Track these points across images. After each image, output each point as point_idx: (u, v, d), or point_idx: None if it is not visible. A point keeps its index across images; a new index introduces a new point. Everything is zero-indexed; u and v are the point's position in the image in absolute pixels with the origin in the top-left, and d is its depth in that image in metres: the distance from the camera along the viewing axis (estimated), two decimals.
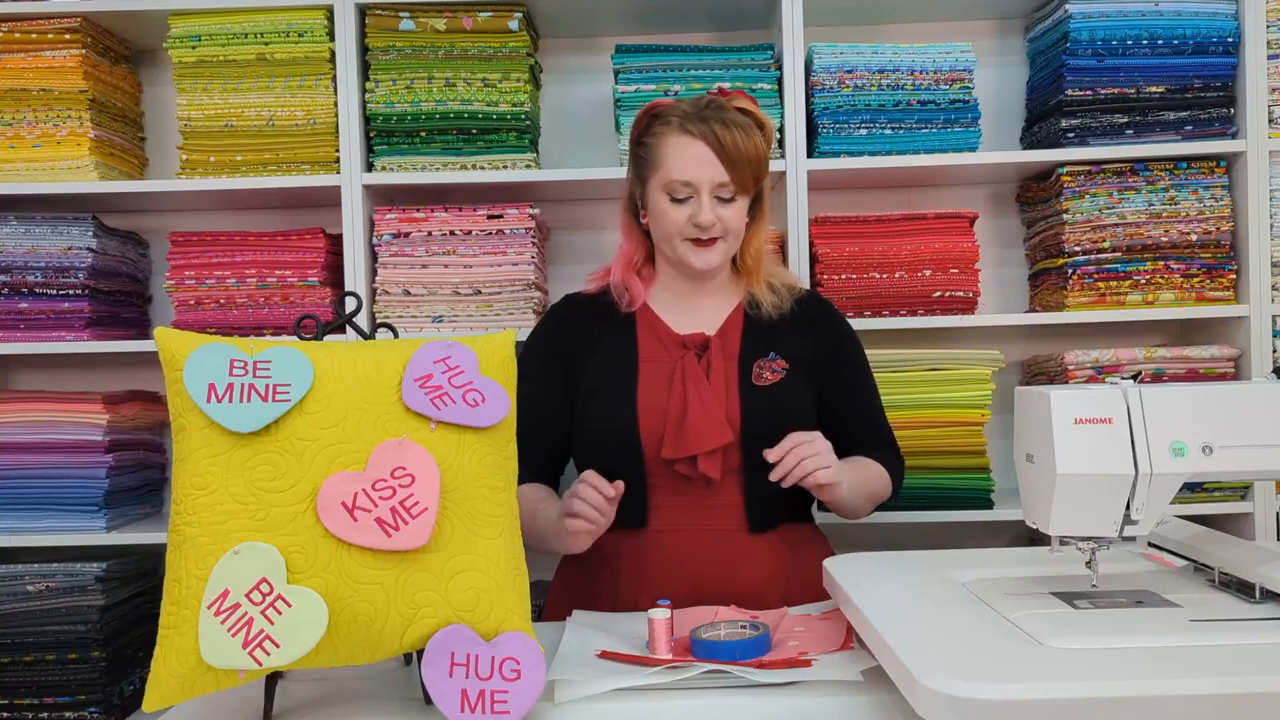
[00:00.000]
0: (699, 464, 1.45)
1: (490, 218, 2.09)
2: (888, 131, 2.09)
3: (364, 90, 2.10)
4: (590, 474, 1.35)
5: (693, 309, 1.58)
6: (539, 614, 1.61)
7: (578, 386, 1.55)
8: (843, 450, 1.61)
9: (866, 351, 2.05)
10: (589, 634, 1.26)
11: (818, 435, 1.40)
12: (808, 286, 1.66)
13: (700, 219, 1.48)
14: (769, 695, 1.06)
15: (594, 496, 1.32)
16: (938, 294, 2.10)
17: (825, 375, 1.57)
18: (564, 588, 1.58)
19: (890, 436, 1.65)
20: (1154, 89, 2.08)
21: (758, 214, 1.58)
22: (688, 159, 1.47)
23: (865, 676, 1.07)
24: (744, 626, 1.21)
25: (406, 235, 2.09)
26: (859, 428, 1.61)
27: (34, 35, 2.09)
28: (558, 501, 1.45)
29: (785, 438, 1.37)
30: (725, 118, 1.48)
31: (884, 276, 2.09)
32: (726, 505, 1.48)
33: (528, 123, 2.10)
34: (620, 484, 1.34)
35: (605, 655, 1.17)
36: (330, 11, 2.09)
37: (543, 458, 1.56)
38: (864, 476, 1.52)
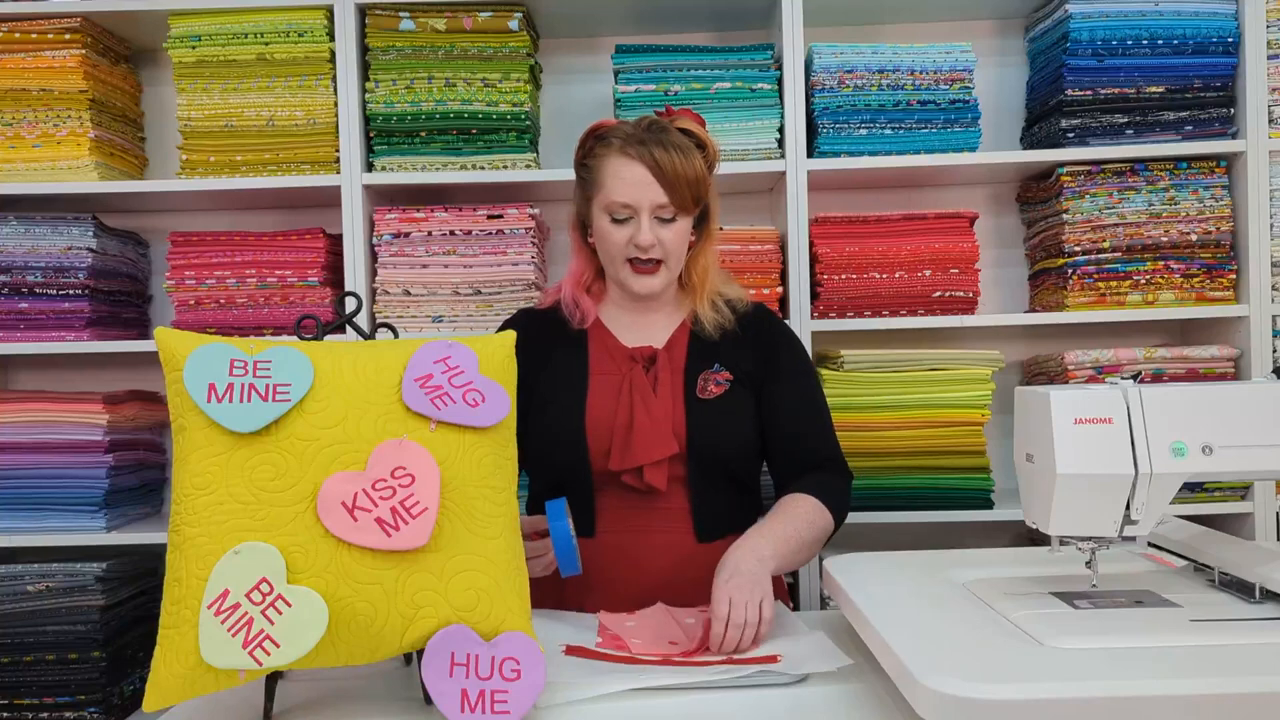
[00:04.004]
0: (645, 474, 1.45)
1: (490, 218, 2.09)
2: (888, 131, 2.09)
3: (364, 90, 2.10)
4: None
5: (642, 323, 1.59)
6: None
7: (530, 399, 1.54)
8: (782, 469, 1.56)
9: (866, 352, 2.05)
10: (544, 628, 1.26)
11: (736, 592, 1.22)
12: (752, 299, 1.64)
13: (640, 239, 1.47)
14: (762, 690, 1.06)
15: (533, 547, 1.37)
16: (938, 294, 2.10)
17: (765, 384, 1.55)
18: None
19: (833, 449, 1.57)
20: (1154, 89, 2.08)
21: (705, 232, 1.58)
22: (626, 181, 1.47)
23: (858, 666, 1.08)
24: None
25: (406, 235, 2.09)
26: (798, 438, 1.55)
27: (34, 35, 2.09)
28: None
29: (713, 618, 1.21)
30: (665, 140, 1.47)
31: (884, 276, 2.09)
32: (674, 514, 1.49)
33: (528, 123, 2.10)
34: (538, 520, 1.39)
35: (571, 651, 1.18)
36: (330, 11, 2.09)
37: None
38: (794, 541, 1.39)
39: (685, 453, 1.47)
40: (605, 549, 1.47)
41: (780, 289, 2.09)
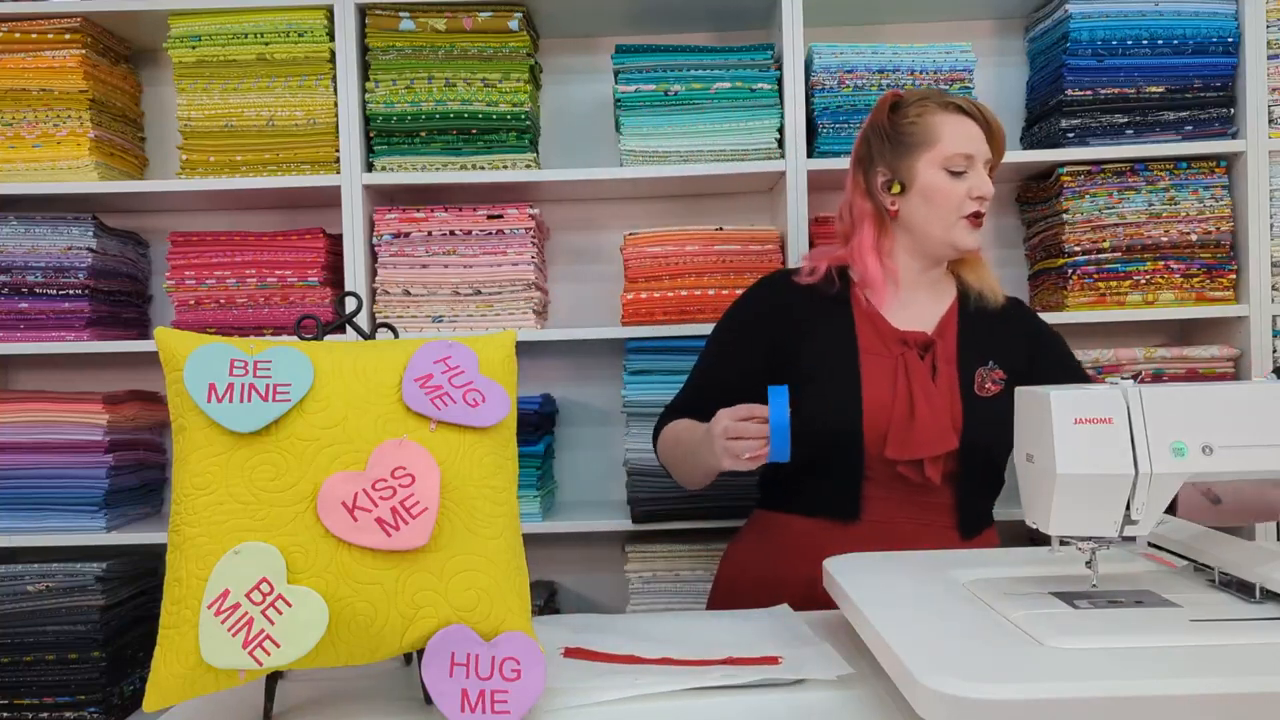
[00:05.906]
0: (925, 468, 1.44)
1: (490, 218, 2.09)
2: None
3: (364, 90, 2.10)
4: (734, 411, 1.37)
5: (910, 305, 1.56)
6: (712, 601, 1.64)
7: (781, 367, 1.52)
8: None
9: None
10: (543, 630, 1.26)
11: None
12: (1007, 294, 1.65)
13: (983, 189, 1.50)
14: (761, 692, 1.06)
15: (750, 428, 1.35)
16: None
17: (1034, 382, 1.57)
18: (740, 575, 1.57)
19: None
20: (1154, 89, 2.08)
21: None
22: (966, 134, 1.51)
23: (857, 668, 1.07)
24: None
25: (406, 235, 2.09)
26: None
27: (34, 35, 2.09)
28: (699, 425, 1.48)
29: None
30: (970, 102, 1.55)
31: None
32: (939, 508, 1.48)
33: (528, 123, 2.10)
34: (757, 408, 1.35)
35: (570, 653, 1.17)
36: (330, 11, 2.09)
37: (697, 418, 1.54)
38: None
39: (959, 449, 1.46)
40: (866, 537, 1.44)
41: None
